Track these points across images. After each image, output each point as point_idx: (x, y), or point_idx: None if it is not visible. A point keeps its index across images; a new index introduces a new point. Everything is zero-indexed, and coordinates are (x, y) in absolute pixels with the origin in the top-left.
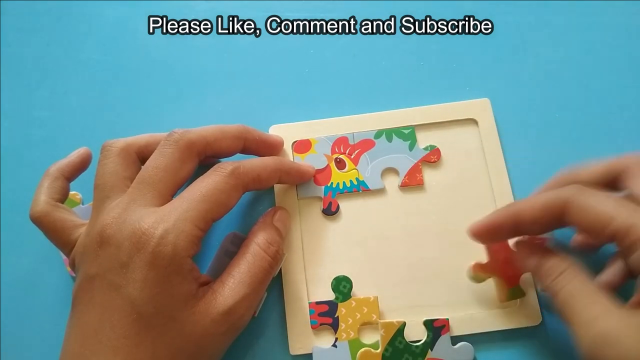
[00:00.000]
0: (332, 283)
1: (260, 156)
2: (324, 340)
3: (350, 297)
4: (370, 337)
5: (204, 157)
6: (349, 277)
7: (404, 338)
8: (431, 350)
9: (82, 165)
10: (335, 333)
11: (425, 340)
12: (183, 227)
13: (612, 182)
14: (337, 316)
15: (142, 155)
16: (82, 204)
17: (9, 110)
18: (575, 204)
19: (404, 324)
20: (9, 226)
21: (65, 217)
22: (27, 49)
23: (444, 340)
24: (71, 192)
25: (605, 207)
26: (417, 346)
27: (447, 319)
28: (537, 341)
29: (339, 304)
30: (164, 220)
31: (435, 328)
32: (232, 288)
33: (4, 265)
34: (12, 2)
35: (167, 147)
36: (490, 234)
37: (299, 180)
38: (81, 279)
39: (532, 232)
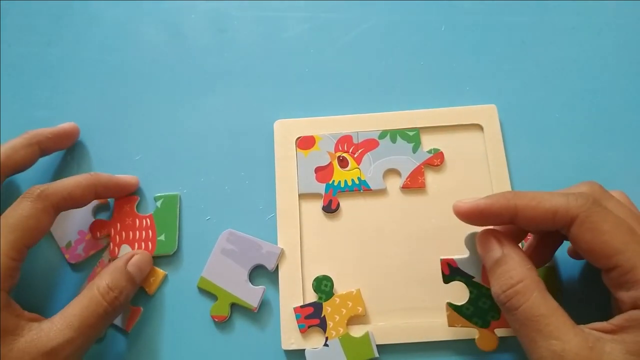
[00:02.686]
0: (313, 284)
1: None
2: (315, 342)
3: (333, 294)
4: (360, 330)
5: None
6: (348, 275)
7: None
8: None
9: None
10: (325, 332)
11: None
12: None
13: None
14: (324, 316)
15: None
16: None
17: (9, 110)
18: (585, 222)
19: None
20: None
21: None
22: (27, 49)
23: None
24: None
25: (616, 236)
26: None
27: None
28: None
29: (324, 303)
30: None
31: None
32: (59, 330)
33: None
34: (12, 2)
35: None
36: (479, 217)
37: (119, 193)
38: None
39: (527, 229)
